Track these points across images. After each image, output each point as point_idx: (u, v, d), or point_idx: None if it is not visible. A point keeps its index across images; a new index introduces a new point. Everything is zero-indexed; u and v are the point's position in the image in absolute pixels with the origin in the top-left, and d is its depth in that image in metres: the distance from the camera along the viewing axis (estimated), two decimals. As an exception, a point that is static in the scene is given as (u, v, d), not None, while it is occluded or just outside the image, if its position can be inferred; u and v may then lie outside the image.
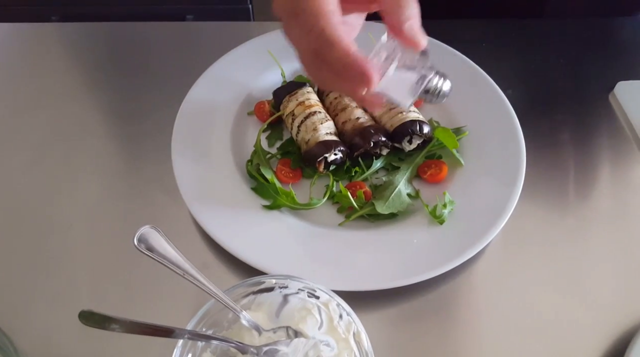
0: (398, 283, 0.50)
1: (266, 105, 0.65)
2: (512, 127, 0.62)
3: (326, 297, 0.43)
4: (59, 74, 0.72)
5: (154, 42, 0.77)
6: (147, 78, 0.72)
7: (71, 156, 0.63)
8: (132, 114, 0.68)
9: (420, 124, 0.59)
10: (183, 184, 0.56)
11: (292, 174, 0.60)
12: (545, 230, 0.57)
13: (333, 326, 0.44)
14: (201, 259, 0.55)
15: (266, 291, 0.44)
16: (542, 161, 0.62)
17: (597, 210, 0.59)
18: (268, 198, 0.57)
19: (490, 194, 0.56)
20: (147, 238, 0.42)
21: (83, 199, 0.59)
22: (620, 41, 0.78)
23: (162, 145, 0.61)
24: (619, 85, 0.70)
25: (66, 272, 0.54)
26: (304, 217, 0.57)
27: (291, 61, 0.70)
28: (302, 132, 0.59)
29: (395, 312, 0.51)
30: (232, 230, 0.54)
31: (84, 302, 0.52)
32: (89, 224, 0.57)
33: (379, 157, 0.61)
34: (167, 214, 0.58)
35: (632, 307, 0.51)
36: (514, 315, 0.51)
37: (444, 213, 0.54)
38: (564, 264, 0.55)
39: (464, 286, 0.53)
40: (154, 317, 0.49)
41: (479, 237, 0.53)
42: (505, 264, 0.55)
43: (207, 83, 0.66)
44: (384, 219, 0.56)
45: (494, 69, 0.68)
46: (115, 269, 0.54)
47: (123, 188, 0.60)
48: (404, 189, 0.57)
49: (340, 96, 0.63)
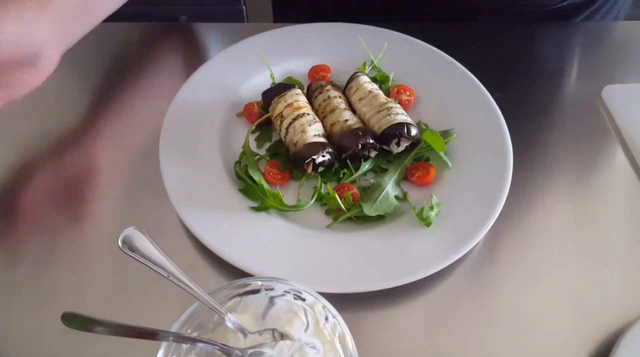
0: (384, 285, 0.50)
1: (255, 106, 0.65)
2: (500, 130, 0.62)
3: (312, 300, 0.43)
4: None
5: (146, 43, 0.77)
6: (137, 79, 0.72)
7: (57, 157, 0.63)
8: (120, 115, 0.68)
9: (408, 126, 0.59)
10: (170, 185, 0.56)
11: (280, 176, 0.60)
12: (531, 233, 0.57)
13: (319, 328, 0.43)
14: (188, 261, 0.54)
15: (252, 293, 0.44)
16: (529, 164, 0.63)
17: (583, 213, 0.59)
18: (256, 200, 0.57)
19: (477, 197, 0.57)
20: (131, 239, 0.42)
21: (69, 200, 0.59)
22: (608, 45, 0.79)
23: (150, 147, 0.61)
24: (607, 89, 0.70)
25: (51, 273, 0.53)
26: (291, 219, 0.56)
27: (280, 63, 0.70)
28: (291, 133, 0.59)
29: (381, 314, 0.51)
30: (219, 232, 0.53)
31: (68, 304, 0.52)
32: (74, 225, 0.57)
33: (367, 159, 0.61)
34: (154, 215, 0.58)
35: (617, 310, 0.51)
36: (500, 317, 0.51)
37: (430, 215, 0.54)
38: (551, 267, 0.55)
39: (451, 288, 0.53)
40: (140, 319, 0.49)
41: (465, 240, 0.53)
42: (491, 266, 0.55)
43: (196, 84, 0.66)
44: (371, 221, 0.56)
45: (482, 72, 0.68)
46: (101, 271, 0.54)
47: (110, 189, 0.60)
48: (392, 191, 0.57)
49: (329, 98, 0.63)
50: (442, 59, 0.70)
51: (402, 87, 0.67)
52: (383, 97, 0.63)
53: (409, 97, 0.67)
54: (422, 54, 0.71)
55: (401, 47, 0.71)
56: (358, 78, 0.65)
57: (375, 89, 0.64)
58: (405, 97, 0.67)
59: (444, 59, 0.70)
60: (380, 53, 0.70)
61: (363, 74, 0.66)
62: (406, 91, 0.67)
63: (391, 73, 0.69)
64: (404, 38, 0.72)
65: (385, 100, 0.62)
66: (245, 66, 0.69)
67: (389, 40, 0.71)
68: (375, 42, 0.71)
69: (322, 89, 0.64)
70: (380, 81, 0.68)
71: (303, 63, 0.71)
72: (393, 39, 0.72)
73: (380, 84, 0.68)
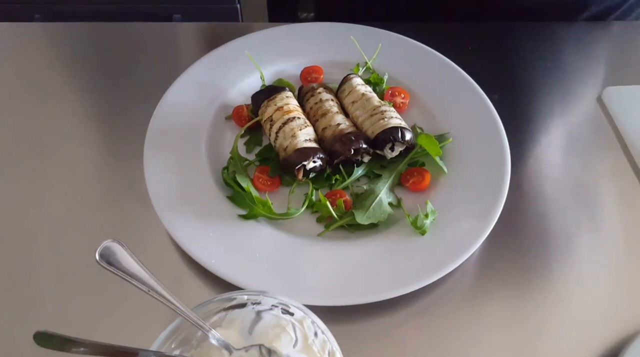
0: (377, 297, 0.48)
1: (245, 109, 0.63)
2: (498, 134, 0.60)
3: (300, 314, 0.41)
4: (33, 76, 0.70)
5: (138, 43, 0.75)
6: (127, 80, 0.70)
7: (39, 162, 0.61)
8: (107, 118, 0.66)
9: (402, 130, 0.57)
10: (154, 192, 0.54)
11: (270, 182, 0.58)
12: (530, 240, 0.55)
13: (308, 344, 0.42)
14: (173, 271, 0.52)
15: (238, 307, 0.42)
16: (527, 169, 0.61)
17: (583, 220, 0.57)
18: (244, 207, 0.55)
19: (473, 204, 0.55)
20: (110, 253, 0.40)
21: (50, 208, 0.57)
22: (608, 46, 0.77)
23: (136, 151, 0.58)
24: (607, 90, 0.68)
25: (26, 287, 0.51)
26: (281, 227, 0.54)
27: (272, 64, 0.68)
28: (280, 138, 0.57)
29: (374, 327, 0.49)
30: (205, 241, 0.51)
31: (46, 320, 0.49)
32: (55, 234, 0.55)
33: (360, 165, 0.59)
34: (138, 223, 0.56)
35: (619, 322, 0.50)
36: (497, 329, 0.50)
37: (425, 224, 0.52)
38: (550, 277, 0.53)
39: (446, 299, 0.51)
40: (122, 336, 0.47)
41: (461, 249, 0.51)
42: (488, 275, 0.53)
43: (184, 86, 0.64)
44: (364, 229, 0.54)
45: (479, 74, 0.66)
46: (82, 283, 0.51)
47: (93, 196, 0.58)
48: (386, 198, 0.56)
49: (321, 101, 0.61)
50: (438, 60, 0.68)
51: (396, 90, 0.65)
52: (377, 100, 0.61)
53: (403, 99, 0.65)
54: (418, 54, 0.69)
55: (396, 47, 0.69)
56: (351, 80, 0.63)
57: (368, 91, 0.62)
58: (400, 99, 0.65)
59: (440, 60, 0.68)
60: (374, 54, 0.68)
61: (356, 76, 0.64)
62: (401, 93, 0.65)
63: (385, 75, 0.67)
64: (399, 38, 0.70)
65: (378, 104, 0.60)
66: (236, 67, 0.67)
67: (384, 41, 0.69)
68: (369, 42, 0.69)
69: (313, 92, 0.62)
70: (374, 83, 0.66)
71: (295, 64, 0.69)
72: (387, 40, 0.70)
73: (374, 86, 0.66)
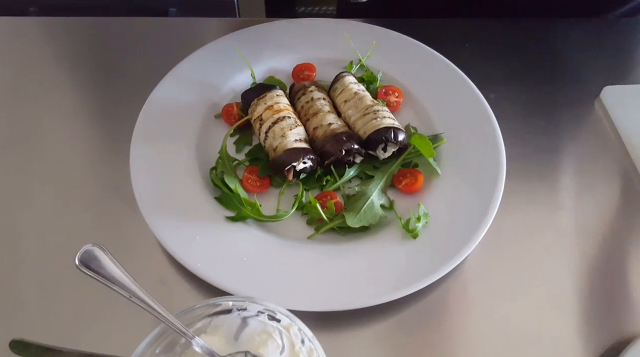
0: (368, 303, 0.47)
1: (234, 108, 0.62)
2: (493, 134, 0.59)
3: (287, 321, 0.40)
4: (21, 73, 0.68)
5: (132, 39, 0.74)
6: (118, 77, 0.68)
7: (23, 161, 0.59)
8: (94, 116, 0.64)
9: (395, 131, 0.56)
10: (140, 193, 0.53)
11: (259, 183, 0.56)
12: (525, 244, 0.54)
13: (295, 352, 0.41)
14: (159, 274, 0.51)
15: (223, 314, 0.41)
16: (523, 170, 0.60)
17: (580, 221, 0.56)
18: (233, 209, 0.53)
19: (467, 206, 0.53)
20: (91, 257, 0.39)
21: (34, 208, 0.55)
22: (607, 44, 0.75)
23: (122, 150, 0.57)
24: (606, 90, 0.67)
25: (9, 290, 0.50)
26: (270, 230, 0.53)
27: (263, 60, 0.67)
28: (270, 138, 0.56)
29: (363, 334, 0.48)
30: (192, 244, 0.50)
31: (26, 326, 0.48)
32: (38, 235, 0.53)
33: (352, 166, 0.57)
34: (124, 224, 0.54)
35: (615, 327, 0.49)
36: (491, 333, 0.49)
37: (417, 227, 0.51)
38: (545, 279, 0.52)
39: (439, 303, 0.50)
40: (106, 343, 0.45)
41: (454, 253, 0.50)
42: (483, 279, 0.52)
43: (172, 83, 0.63)
44: (355, 232, 0.53)
45: (475, 72, 0.65)
46: (64, 288, 0.50)
47: (78, 196, 0.56)
48: (377, 200, 0.54)
49: (312, 100, 0.60)
50: (433, 57, 0.67)
51: (390, 88, 0.64)
52: (369, 99, 0.59)
53: (397, 98, 0.63)
54: (412, 52, 0.68)
55: (390, 45, 0.68)
56: (343, 78, 0.62)
57: (361, 90, 0.61)
58: (394, 98, 0.63)
59: (435, 58, 0.67)
60: (368, 51, 0.66)
61: (349, 74, 0.63)
62: (394, 92, 0.64)
63: (379, 73, 0.65)
64: (394, 35, 0.69)
65: (371, 103, 0.58)
66: (226, 64, 0.65)
67: (378, 38, 0.68)
68: (363, 39, 0.67)
69: (305, 90, 0.61)
70: (367, 81, 0.65)
71: (287, 61, 0.67)
72: (382, 36, 0.68)
73: (367, 85, 0.64)
